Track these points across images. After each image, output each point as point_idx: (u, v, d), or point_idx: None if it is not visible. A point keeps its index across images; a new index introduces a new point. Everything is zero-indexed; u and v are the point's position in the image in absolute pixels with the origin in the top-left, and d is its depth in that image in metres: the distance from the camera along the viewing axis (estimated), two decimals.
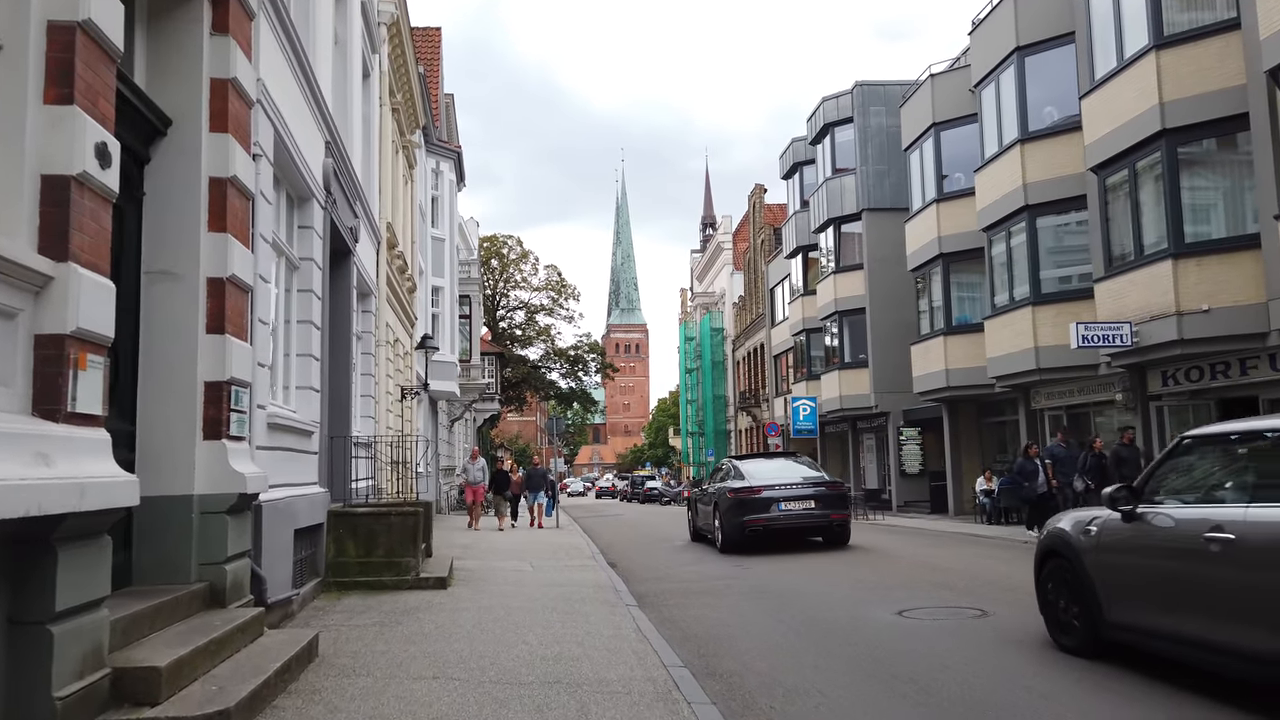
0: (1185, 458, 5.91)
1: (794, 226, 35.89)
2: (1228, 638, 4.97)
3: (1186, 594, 5.26)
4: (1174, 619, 5.37)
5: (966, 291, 23.06)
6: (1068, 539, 6.59)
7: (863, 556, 13.79)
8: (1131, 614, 5.80)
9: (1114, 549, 6.02)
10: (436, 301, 26.97)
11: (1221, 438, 5.82)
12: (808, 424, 32.83)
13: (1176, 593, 5.35)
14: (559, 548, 15.64)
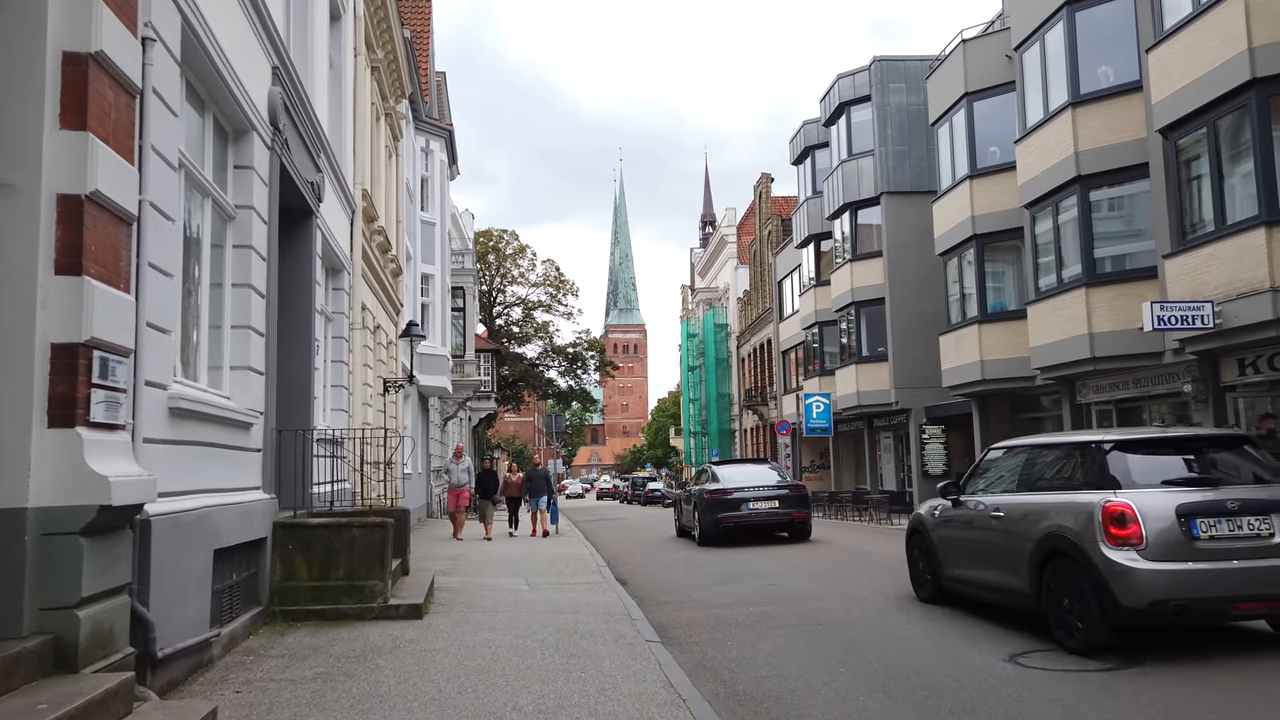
0: (988, 462, 8.76)
1: (805, 214, 34.01)
2: (1002, 581, 7.69)
3: (982, 553, 8.13)
4: (977, 571, 8.20)
5: (1002, 276, 21.18)
6: (923, 519, 9.43)
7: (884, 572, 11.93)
8: (957, 569, 8.59)
9: (947, 525, 8.83)
10: (427, 290, 25.08)
11: (1003, 448, 8.73)
12: (821, 422, 30.99)
13: (977, 553, 8.22)
14: (559, 559, 13.75)
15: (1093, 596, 6.49)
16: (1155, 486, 6.71)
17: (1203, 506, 6.47)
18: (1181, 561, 6.32)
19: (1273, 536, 6.40)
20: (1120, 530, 6.42)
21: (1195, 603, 6.28)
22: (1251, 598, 6.36)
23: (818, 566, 12.81)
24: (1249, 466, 7.02)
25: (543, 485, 19.06)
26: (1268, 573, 6.32)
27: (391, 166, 18.99)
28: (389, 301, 17.81)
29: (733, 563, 13.60)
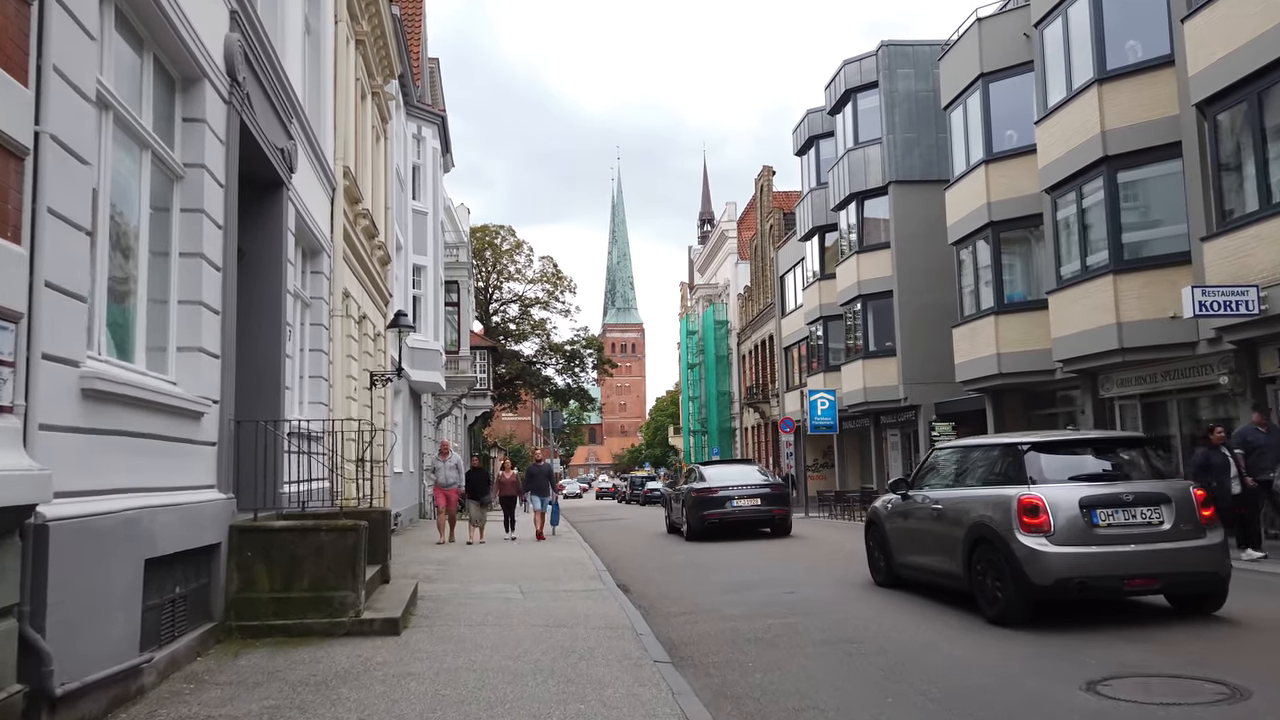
0: (932, 460, 9.84)
1: (809, 206, 33.08)
2: (940, 565, 8.82)
3: (925, 542, 9.21)
4: (921, 557, 9.32)
5: (1020, 265, 20.26)
6: (878, 512, 10.49)
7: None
8: (906, 556, 9.66)
9: (897, 517, 9.86)
10: (419, 282, 24.13)
11: (944, 449, 9.83)
12: (826, 419, 30.05)
13: (921, 541, 9.31)
14: (556, 564, 12.80)
15: (1010, 576, 7.54)
16: (1063, 482, 7.75)
17: (1102, 499, 7.50)
18: (1083, 545, 7.37)
19: (1162, 524, 7.49)
20: (1032, 519, 7.48)
21: (1094, 580, 7.39)
22: (1140, 575, 7.43)
23: (842, 570, 11.89)
24: (1146, 464, 8.14)
25: (544, 483, 17.49)
26: (1155, 555, 7.41)
27: (379, 150, 18.05)
28: (376, 291, 16.87)
29: (743, 568, 12.68)
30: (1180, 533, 7.48)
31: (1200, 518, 7.63)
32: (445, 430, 37.71)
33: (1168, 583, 7.62)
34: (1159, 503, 7.53)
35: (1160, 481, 7.82)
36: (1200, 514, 7.64)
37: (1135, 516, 7.48)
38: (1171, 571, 7.46)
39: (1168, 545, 7.42)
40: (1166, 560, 7.40)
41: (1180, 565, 7.46)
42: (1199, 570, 7.56)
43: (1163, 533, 7.44)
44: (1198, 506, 7.67)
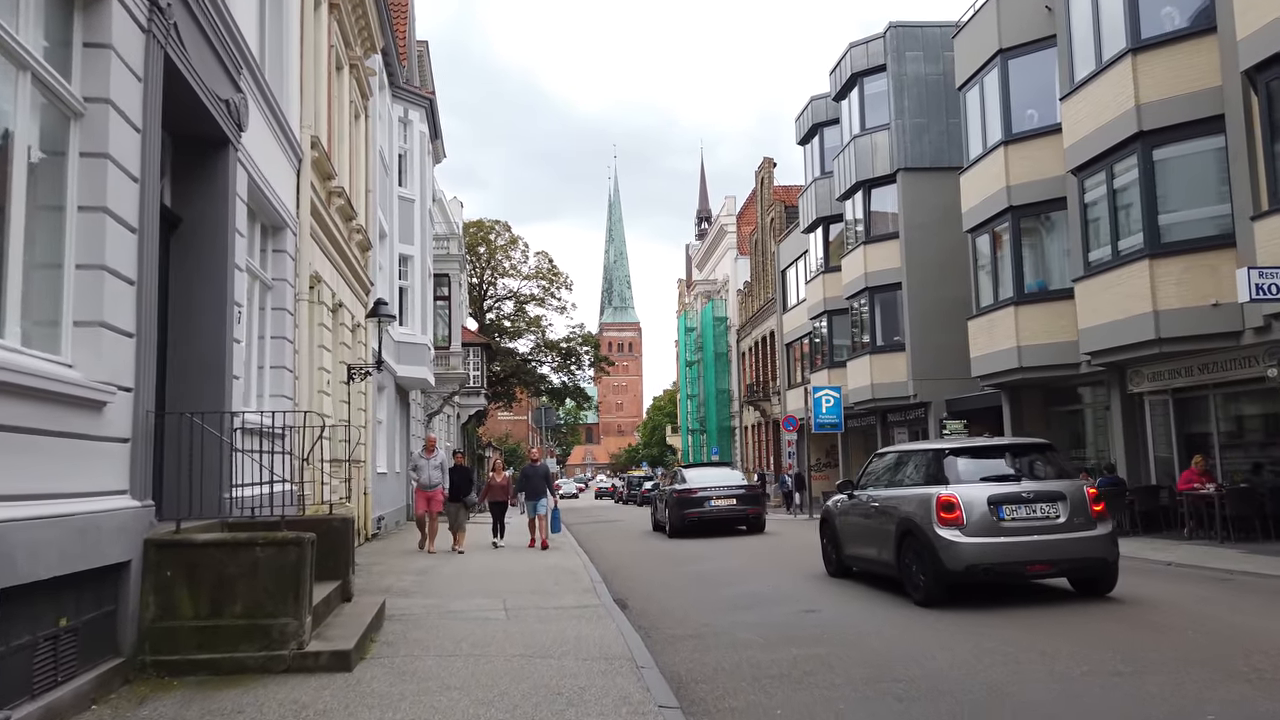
0: (873, 464, 11.15)
1: (813, 196, 31.93)
2: (878, 556, 9.93)
3: (866, 535, 10.32)
4: (864, 549, 10.45)
5: (1042, 252, 19.10)
6: (830, 510, 11.71)
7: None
8: (852, 549, 10.86)
9: (845, 514, 11.08)
10: (405, 273, 22.94)
11: (881, 454, 11.30)
12: (831, 417, 28.90)
13: (864, 535, 10.42)
14: (547, 573, 11.63)
15: (929, 563, 8.64)
16: (976, 482, 8.82)
17: (1007, 496, 8.62)
18: (991, 536, 8.47)
19: (1058, 518, 8.58)
20: (948, 514, 8.57)
21: (999, 566, 8.53)
22: (1039, 561, 8.60)
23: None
24: (1047, 466, 9.28)
25: (541, 485, 15.53)
26: (1052, 544, 8.53)
27: (360, 128, 16.87)
28: (355, 278, 15.68)
29: (754, 578, 11.53)
30: (1074, 525, 8.62)
31: (1091, 512, 8.77)
32: (437, 429, 36.51)
33: (1062, 568, 8.87)
34: (1055, 499, 8.70)
35: (1058, 481, 9.00)
36: (1092, 509, 8.79)
37: (1035, 511, 8.66)
38: (1065, 558, 8.70)
39: (1062, 536, 8.59)
40: (1061, 549, 8.59)
41: (1073, 553, 8.65)
42: (1089, 557, 8.74)
43: (1058, 525, 8.61)
44: (1089, 502, 8.82)
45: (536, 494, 15.53)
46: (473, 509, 15.66)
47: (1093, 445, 19.49)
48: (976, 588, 8.91)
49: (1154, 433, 16.91)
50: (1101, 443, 18.98)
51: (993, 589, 9.08)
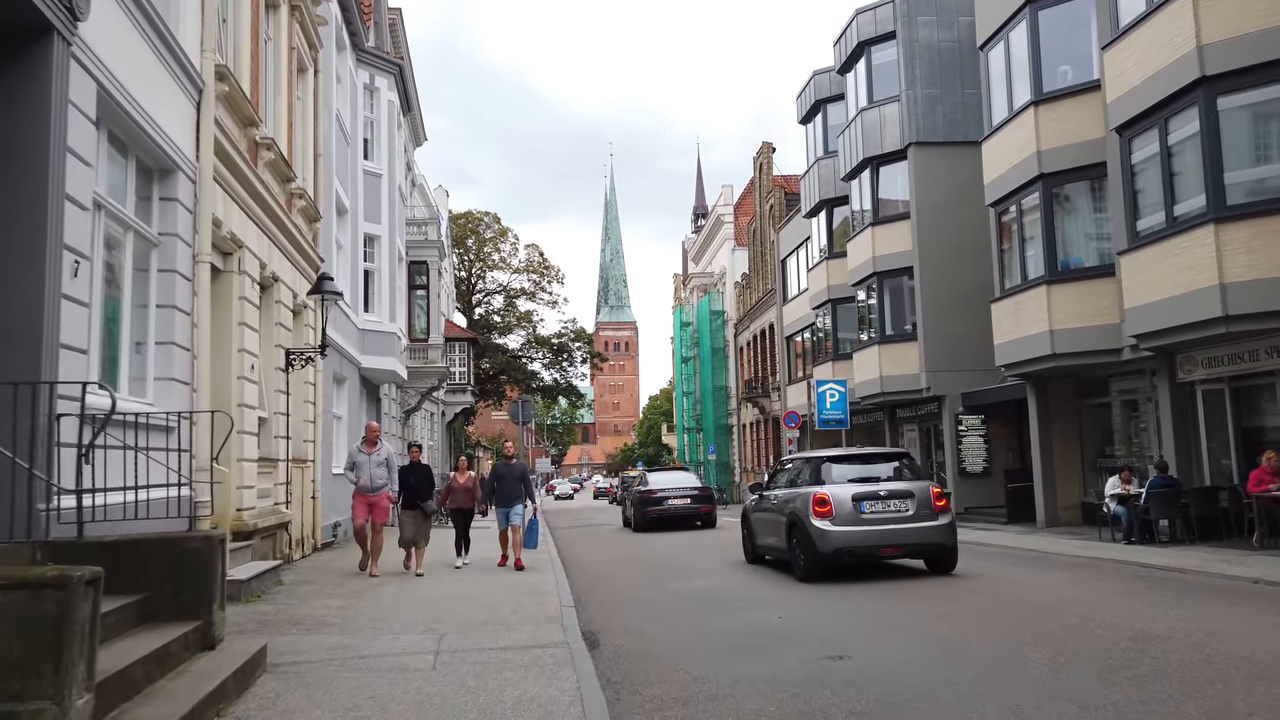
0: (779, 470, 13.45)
1: (815, 178, 29.92)
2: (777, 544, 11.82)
3: (770, 528, 12.18)
4: (769, 539, 12.27)
5: (1077, 225, 17.09)
6: (746, 508, 13.82)
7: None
8: (761, 540, 12.74)
9: (756, 511, 13.05)
10: (371, 255, 20.93)
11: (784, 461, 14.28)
12: (836, 412, 26.84)
13: (768, 527, 12.26)
14: (508, 597, 9.62)
15: (808, 548, 10.85)
16: (844, 483, 11.07)
17: (867, 494, 10.88)
18: (853, 526, 10.73)
19: (907, 511, 10.78)
20: (821, 509, 10.80)
21: (860, 549, 10.77)
22: (890, 546, 10.85)
23: (936, 627, 8.77)
24: (903, 471, 11.54)
25: (516, 488, 12.59)
26: (900, 532, 10.74)
27: (307, 83, 14.85)
28: (299, 252, 13.67)
29: (766, 602, 9.52)
30: (920, 517, 10.68)
31: (935, 507, 10.80)
32: (419, 428, 34.50)
33: (909, 551, 10.95)
34: (906, 497, 10.77)
35: (910, 483, 11.04)
36: (935, 504, 10.82)
37: (889, 506, 10.72)
38: (911, 543, 10.75)
39: (910, 525, 10.64)
40: (908, 535, 10.65)
41: (918, 539, 10.70)
42: (932, 542, 10.81)
43: (907, 517, 10.66)
44: (934, 499, 10.82)
45: (509, 499, 12.57)
46: (434, 518, 12.42)
47: (1132, 442, 17.50)
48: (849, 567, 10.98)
49: (1208, 427, 14.93)
50: (1143, 440, 17.00)
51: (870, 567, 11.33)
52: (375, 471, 11.40)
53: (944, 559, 11.00)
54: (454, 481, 13.43)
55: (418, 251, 29.26)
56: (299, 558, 13.45)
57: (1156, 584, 9.87)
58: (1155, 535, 14.20)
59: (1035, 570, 11.24)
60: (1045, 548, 14.28)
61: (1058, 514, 18.71)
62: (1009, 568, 11.53)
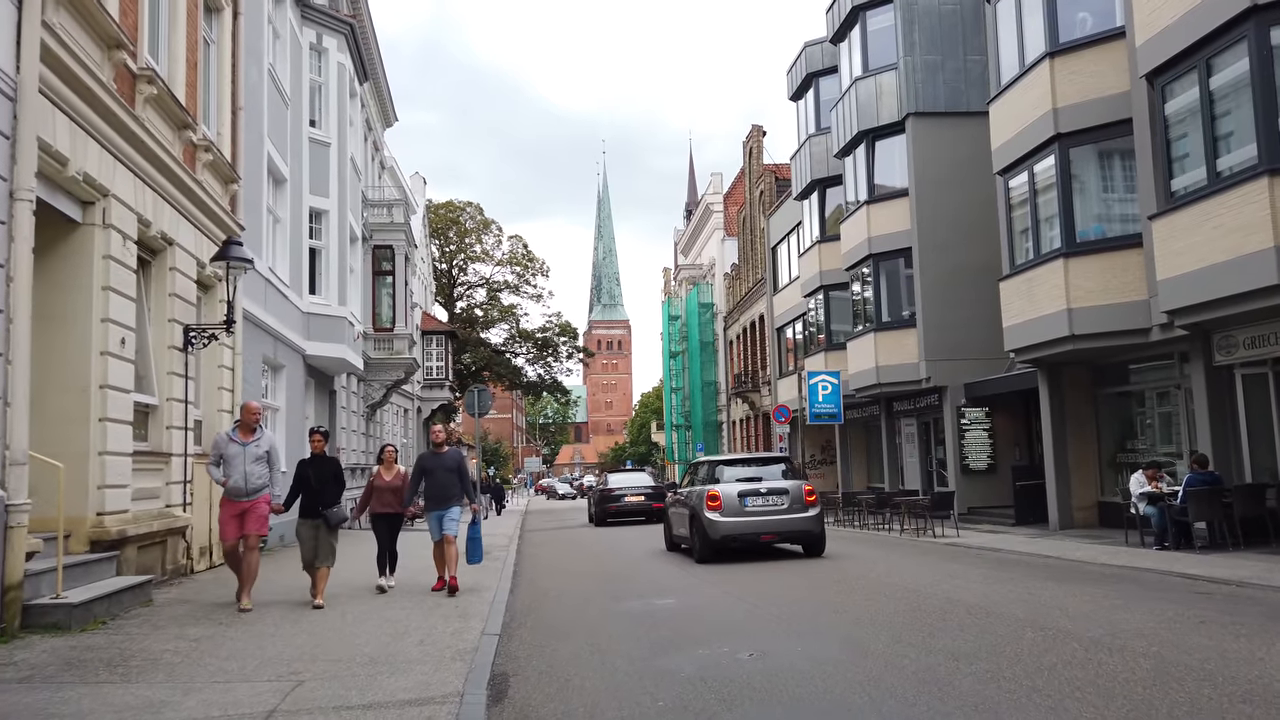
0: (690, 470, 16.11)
1: (807, 156, 28.10)
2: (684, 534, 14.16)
3: (679, 520, 14.45)
4: (680, 530, 14.45)
5: (1098, 191, 15.29)
6: (667, 504, 16.25)
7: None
8: (675, 531, 14.90)
9: (673, 507, 15.27)
10: (318, 232, 19.04)
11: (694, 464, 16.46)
12: (829, 406, 25.09)
13: (679, 520, 14.49)
14: (419, 623, 7.74)
15: (702, 535, 13.12)
16: (732, 482, 13.39)
17: (750, 491, 13.16)
18: (738, 517, 12.99)
19: (782, 505, 13.12)
20: (713, 503, 13.03)
21: (742, 536, 13.02)
22: (768, 533, 13.10)
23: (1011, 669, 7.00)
24: (782, 471, 14.04)
25: (450, 486, 9.87)
26: (776, 522, 13.08)
27: (220, 22, 12.95)
28: (206, 215, 11.78)
29: (733, 630, 7.68)
30: (793, 509, 13.21)
31: (805, 501, 13.32)
32: (389, 425, 32.59)
33: (784, 537, 13.40)
34: (782, 493, 13.30)
35: (786, 481, 13.57)
36: (806, 499, 13.33)
37: (768, 501, 13.23)
38: (785, 531, 13.26)
39: (784, 516, 13.18)
40: (783, 525, 13.19)
41: (791, 527, 13.25)
42: (802, 530, 13.32)
43: (782, 509, 13.20)
44: (805, 495, 13.33)
45: (442, 499, 9.82)
46: (339, 529, 9.12)
47: (1156, 434, 15.72)
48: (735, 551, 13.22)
49: (1249, 416, 13.14)
50: (1171, 432, 15.22)
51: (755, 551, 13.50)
52: (251, 468, 8.63)
53: (813, 544, 13.43)
54: (377, 479, 10.25)
55: (383, 235, 27.40)
56: (203, 569, 11.59)
57: (1224, 604, 8.02)
58: (1192, 539, 12.41)
59: (1068, 585, 9.40)
60: (1067, 554, 12.46)
61: (1072, 515, 16.93)
62: (1036, 583, 9.65)
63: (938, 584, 9.60)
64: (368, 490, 10.36)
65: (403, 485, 10.24)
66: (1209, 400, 13.31)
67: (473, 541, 10.85)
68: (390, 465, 10.41)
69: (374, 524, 10.35)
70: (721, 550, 12.97)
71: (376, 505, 10.26)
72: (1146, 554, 12.05)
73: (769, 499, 13.08)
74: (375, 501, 10.26)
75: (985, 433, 21.45)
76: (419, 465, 10.16)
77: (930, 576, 10.31)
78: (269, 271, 15.55)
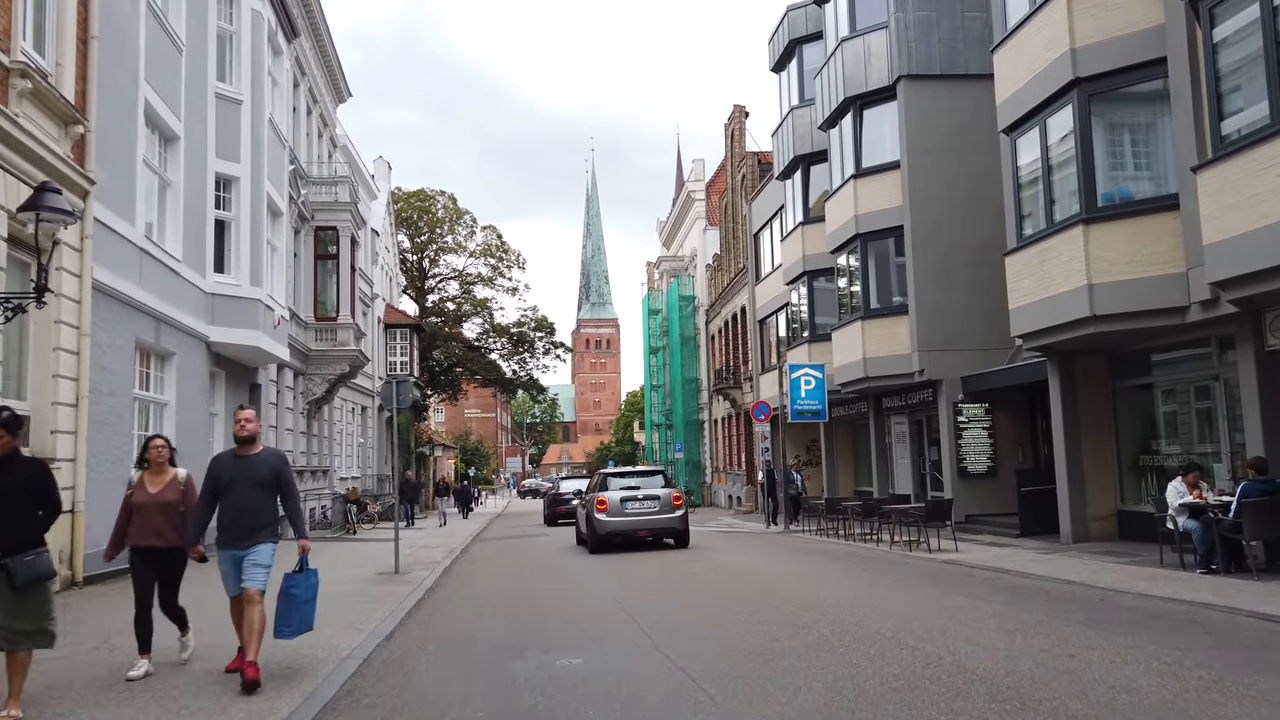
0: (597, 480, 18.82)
1: (789, 132, 25.81)
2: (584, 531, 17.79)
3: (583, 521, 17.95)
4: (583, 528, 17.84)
5: (1123, 146, 13.03)
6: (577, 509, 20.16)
7: None
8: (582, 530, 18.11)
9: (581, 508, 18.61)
10: (226, 202, 16.63)
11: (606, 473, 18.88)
12: (812, 402, 22.88)
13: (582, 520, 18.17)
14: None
15: (592, 532, 16.57)
16: (617, 490, 16.87)
17: (630, 497, 16.57)
18: (620, 518, 16.37)
19: (655, 508, 16.52)
20: (601, 507, 16.43)
21: (623, 532, 16.35)
22: (642, 530, 16.46)
23: None
24: (657, 481, 17.44)
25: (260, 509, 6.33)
26: (649, 521, 16.48)
27: None
28: (22, 155, 9.40)
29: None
30: (663, 511, 16.66)
31: (674, 505, 16.76)
32: (340, 425, 30.19)
33: (655, 534, 16.72)
34: (655, 499, 16.69)
35: (660, 489, 16.99)
36: (674, 504, 16.77)
37: (643, 505, 16.61)
38: (657, 528, 16.64)
39: (656, 517, 16.60)
40: (655, 524, 16.60)
41: (661, 525, 16.65)
42: (670, 528, 16.75)
43: (655, 512, 16.62)
44: (674, 501, 16.80)
45: (242, 532, 6.26)
46: (24, 582, 5.24)
47: (1193, 432, 13.49)
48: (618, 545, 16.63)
49: None
50: (1206, 430, 13.00)
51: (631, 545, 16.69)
52: None
53: (679, 538, 16.87)
54: (136, 492, 6.56)
55: (327, 215, 25.06)
56: None
57: None
58: (1245, 561, 10.16)
59: (1115, 635, 7.02)
60: (1094, 579, 10.19)
61: (1087, 526, 14.70)
62: (1071, 630, 7.25)
63: (940, 633, 7.26)
64: (124, 510, 6.56)
65: (179, 501, 6.53)
66: (1260, 392, 11.07)
67: (289, 601, 6.37)
68: (160, 470, 6.61)
69: (132, 566, 6.58)
70: (607, 543, 16.56)
71: (136, 535, 6.46)
72: (1192, 580, 9.79)
73: (644, 503, 16.77)
74: (134, 528, 6.47)
75: (985, 431, 19.23)
76: (210, 474, 6.45)
77: (928, 619, 7.97)
78: (145, 240, 13.15)
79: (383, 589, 11.33)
